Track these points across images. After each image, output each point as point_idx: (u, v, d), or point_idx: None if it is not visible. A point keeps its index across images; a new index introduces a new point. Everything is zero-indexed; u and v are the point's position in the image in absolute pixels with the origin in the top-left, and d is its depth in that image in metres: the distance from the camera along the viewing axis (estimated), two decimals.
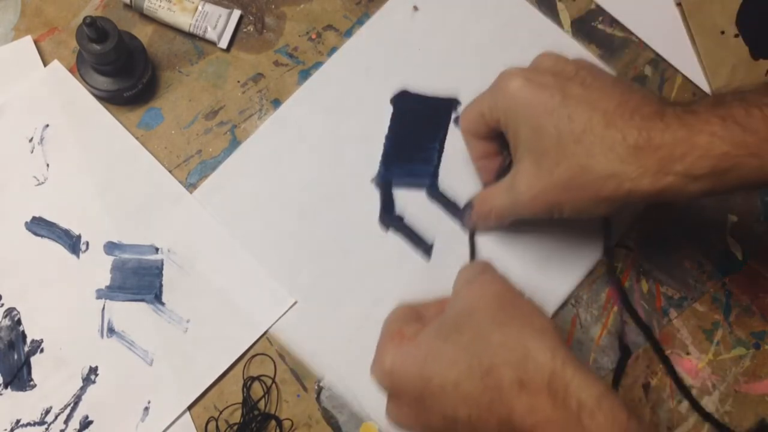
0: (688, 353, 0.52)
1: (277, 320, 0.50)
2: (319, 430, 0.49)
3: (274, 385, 0.49)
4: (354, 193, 0.53)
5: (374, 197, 0.53)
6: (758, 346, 0.52)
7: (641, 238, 0.53)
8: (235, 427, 0.48)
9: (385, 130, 0.54)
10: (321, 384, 0.50)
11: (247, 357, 0.50)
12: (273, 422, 0.49)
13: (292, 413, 0.49)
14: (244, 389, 0.49)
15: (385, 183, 0.53)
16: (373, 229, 0.52)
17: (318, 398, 0.49)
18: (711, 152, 0.37)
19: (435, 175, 0.53)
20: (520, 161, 0.43)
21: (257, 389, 0.49)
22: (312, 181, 0.53)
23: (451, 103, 0.55)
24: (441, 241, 0.52)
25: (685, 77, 0.56)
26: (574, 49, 0.56)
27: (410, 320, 0.42)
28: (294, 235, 0.52)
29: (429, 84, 0.55)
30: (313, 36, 0.56)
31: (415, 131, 0.54)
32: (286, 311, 0.50)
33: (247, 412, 0.49)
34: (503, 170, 0.48)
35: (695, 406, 0.50)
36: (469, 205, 0.50)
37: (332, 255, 0.52)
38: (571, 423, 0.33)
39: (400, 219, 0.52)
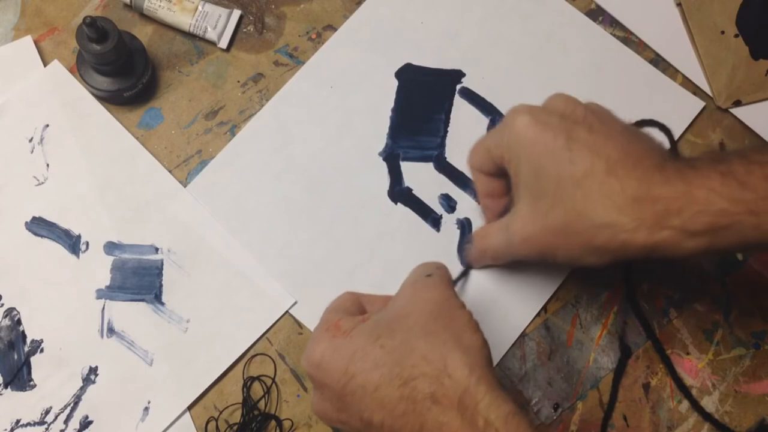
0: (688, 353, 0.52)
1: (278, 320, 0.50)
2: (319, 430, 0.49)
3: (274, 385, 0.49)
4: (362, 167, 0.53)
5: (382, 171, 0.53)
6: (758, 346, 0.52)
7: None
8: (235, 427, 0.48)
9: (392, 104, 0.54)
10: None
11: (247, 357, 0.50)
12: (273, 422, 0.49)
13: (292, 413, 0.49)
14: (244, 389, 0.49)
15: (393, 156, 0.54)
16: (383, 203, 0.53)
17: None
18: (709, 208, 0.36)
19: (442, 146, 0.54)
20: (518, 202, 0.43)
21: (257, 389, 0.49)
22: (319, 157, 0.53)
23: (456, 75, 0.55)
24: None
25: (685, 77, 0.56)
26: (577, 18, 0.57)
27: (351, 311, 0.42)
28: (303, 212, 0.52)
29: (433, 58, 0.56)
30: (313, 36, 0.56)
31: (421, 104, 0.55)
32: (286, 311, 0.50)
33: (247, 412, 0.49)
34: (506, 211, 0.47)
35: (695, 406, 0.50)
36: (469, 240, 0.50)
37: (342, 229, 0.52)
38: None
39: (409, 191, 0.53)
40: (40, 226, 0.51)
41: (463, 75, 0.55)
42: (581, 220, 0.39)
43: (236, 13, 0.55)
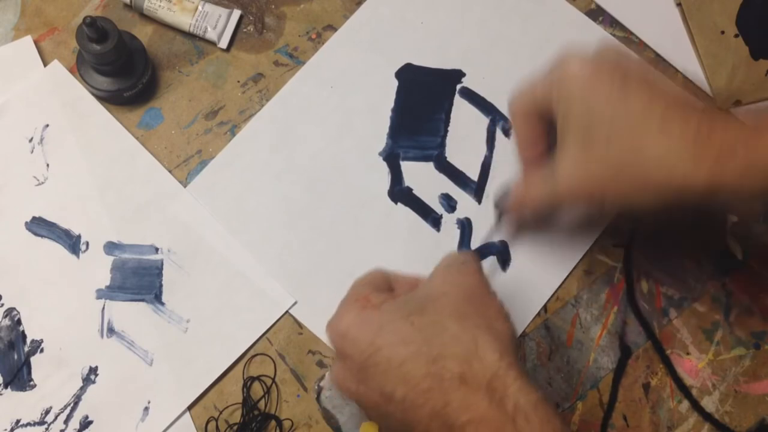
0: (688, 353, 0.52)
1: (278, 320, 0.50)
2: (319, 430, 0.49)
3: (274, 385, 0.49)
4: (362, 167, 0.53)
5: (382, 171, 0.53)
6: (758, 346, 0.52)
7: (641, 238, 0.53)
8: (235, 427, 0.48)
9: (392, 104, 0.55)
10: (321, 384, 0.50)
11: (247, 357, 0.50)
12: (273, 422, 0.49)
13: (292, 413, 0.49)
14: (244, 389, 0.49)
15: (393, 156, 0.54)
16: (383, 203, 0.53)
17: (318, 398, 0.49)
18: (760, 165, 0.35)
19: (442, 146, 0.54)
20: (565, 147, 0.41)
21: (257, 389, 0.49)
22: (319, 157, 0.53)
23: (456, 75, 0.55)
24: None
25: (685, 77, 0.56)
26: (577, 18, 0.57)
27: (380, 288, 0.41)
28: (303, 212, 0.52)
29: (433, 58, 0.56)
30: (313, 36, 0.56)
31: (421, 104, 0.55)
32: (286, 311, 0.50)
33: (247, 412, 0.49)
34: (541, 161, 0.45)
35: (695, 406, 0.50)
36: (504, 194, 0.48)
37: (342, 229, 0.52)
38: (505, 423, 0.33)
39: (409, 191, 0.53)
40: (40, 226, 0.51)
41: (463, 75, 0.55)
42: (638, 158, 0.38)
43: (236, 13, 0.55)
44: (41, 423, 0.48)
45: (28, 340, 0.49)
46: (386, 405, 0.36)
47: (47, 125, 0.53)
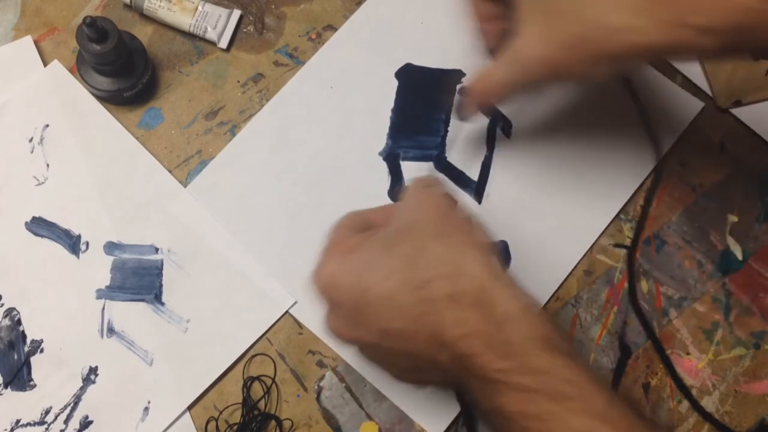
0: (688, 353, 0.52)
1: (278, 320, 0.50)
2: (319, 430, 0.49)
3: (274, 385, 0.49)
4: (362, 167, 0.53)
5: (382, 171, 0.53)
6: (758, 346, 0.52)
7: (641, 238, 0.53)
8: (235, 427, 0.48)
9: (392, 104, 0.55)
10: (321, 384, 0.50)
11: (247, 357, 0.50)
12: (273, 422, 0.49)
13: (292, 413, 0.49)
14: (244, 389, 0.49)
15: (393, 156, 0.54)
16: (383, 203, 0.53)
17: (318, 398, 0.49)
18: (733, 5, 0.34)
19: (442, 146, 0.54)
20: (526, 23, 0.41)
21: (257, 389, 0.49)
22: (319, 157, 0.53)
23: (456, 75, 0.55)
24: None
25: (685, 77, 0.56)
26: None
27: (357, 228, 0.41)
28: (303, 212, 0.52)
29: (433, 58, 0.56)
30: (313, 36, 0.56)
31: (421, 104, 0.55)
32: (286, 311, 0.50)
33: (247, 412, 0.49)
34: (503, 37, 0.45)
35: (695, 406, 0.50)
36: (464, 91, 0.47)
37: None
38: (496, 332, 0.34)
39: None
40: (40, 226, 0.51)
41: (463, 75, 0.55)
42: (596, 28, 0.37)
43: (236, 13, 0.55)
44: (41, 423, 0.48)
45: (28, 340, 0.49)
46: (386, 341, 0.37)
47: (47, 125, 0.53)
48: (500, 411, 0.34)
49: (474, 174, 0.54)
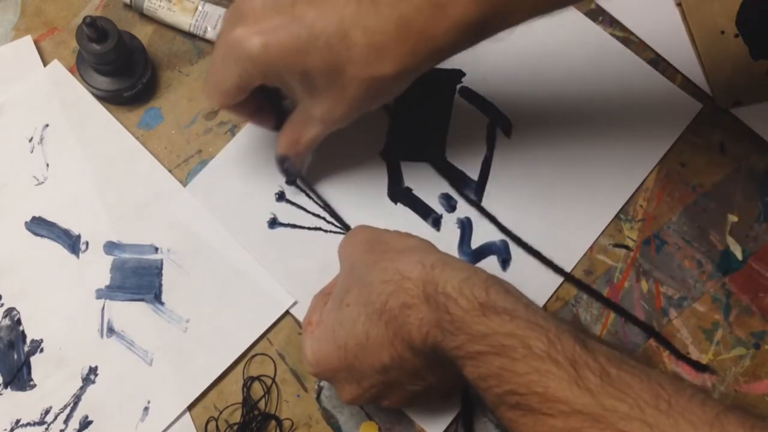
0: (688, 353, 0.52)
1: (278, 320, 0.50)
2: (319, 430, 0.49)
3: (274, 385, 0.49)
4: (362, 167, 0.53)
5: (382, 171, 0.53)
6: (758, 346, 0.52)
7: (641, 238, 0.53)
8: (235, 427, 0.48)
9: (392, 104, 0.55)
10: (321, 384, 0.50)
11: (247, 357, 0.50)
12: (273, 422, 0.49)
13: (292, 413, 0.49)
14: (244, 389, 0.49)
15: (393, 156, 0.54)
16: (383, 203, 0.53)
17: (318, 398, 0.49)
18: (464, 21, 0.37)
19: (442, 146, 0.54)
20: (306, 99, 0.42)
21: (257, 389, 0.49)
22: (319, 158, 0.53)
23: (456, 75, 0.55)
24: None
25: (685, 77, 0.56)
26: (577, 18, 0.57)
27: (317, 304, 0.44)
28: (302, 211, 0.52)
29: None
30: None
31: (421, 104, 0.55)
32: (286, 311, 0.50)
33: (247, 412, 0.49)
34: (284, 112, 0.48)
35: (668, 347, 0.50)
36: (282, 158, 0.49)
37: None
38: (445, 315, 0.36)
39: (409, 191, 0.53)
40: (40, 226, 0.51)
41: (463, 75, 0.55)
42: (371, 82, 0.39)
43: None
44: (41, 423, 0.48)
45: (28, 340, 0.49)
46: (388, 376, 0.39)
47: (47, 125, 0.53)
48: (470, 383, 0.36)
49: (474, 174, 0.54)
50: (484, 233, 0.52)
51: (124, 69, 0.51)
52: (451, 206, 0.53)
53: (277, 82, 0.41)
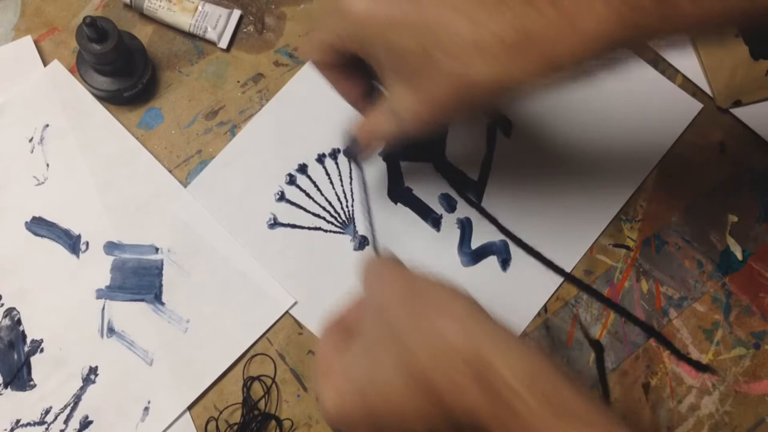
0: (688, 353, 0.52)
1: (278, 320, 0.50)
2: (319, 430, 0.49)
3: (274, 385, 0.49)
4: (362, 167, 0.53)
5: (382, 171, 0.54)
6: (758, 346, 0.52)
7: (641, 238, 0.53)
8: (235, 427, 0.48)
9: None
10: None
11: (247, 357, 0.50)
12: (273, 422, 0.49)
13: (292, 413, 0.49)
14: (244, 389, 0.49)
15: (393, 156, 0.54)
16: (383, 203, 0.53)
17: (318, 398, 0.49)
18: (596, 37, 0.33)
19: (442, 145, 0.54)
20: (392, 86, 0.39)
21: (257, 389, 0.49)
22: (318, 158, 0.53)
23: None
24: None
25: (685, 77, 0.56)
26: None
27: (337, 342, 0.39)
28: (302, 211, 0.52)
29: None
30: None
31: None
32: (286, 311, 0.50)
33: (247, 412, 0.49)
34: (372, 91, 0.45)
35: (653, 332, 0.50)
36: (352, 138, 0.46)
37: None
38: (505, 413, 0.31)
39: (409, 191, 0.53)
40: (40, 226, 0.51)
41: None
42: (460, 83, 0.36)
43: (236, 13, 0.55)
44: (41, 423, 0.48)
45: (28, 340, 0.49)
46: None
47: (47, 125, 0.53)
48: None
49: (474, 174, 0.54)
50: (484, 233, 0.52)
51: (124, 69, 0.51)
52: (451, 206, 0.53)
53: (372, 56, 0.38)
